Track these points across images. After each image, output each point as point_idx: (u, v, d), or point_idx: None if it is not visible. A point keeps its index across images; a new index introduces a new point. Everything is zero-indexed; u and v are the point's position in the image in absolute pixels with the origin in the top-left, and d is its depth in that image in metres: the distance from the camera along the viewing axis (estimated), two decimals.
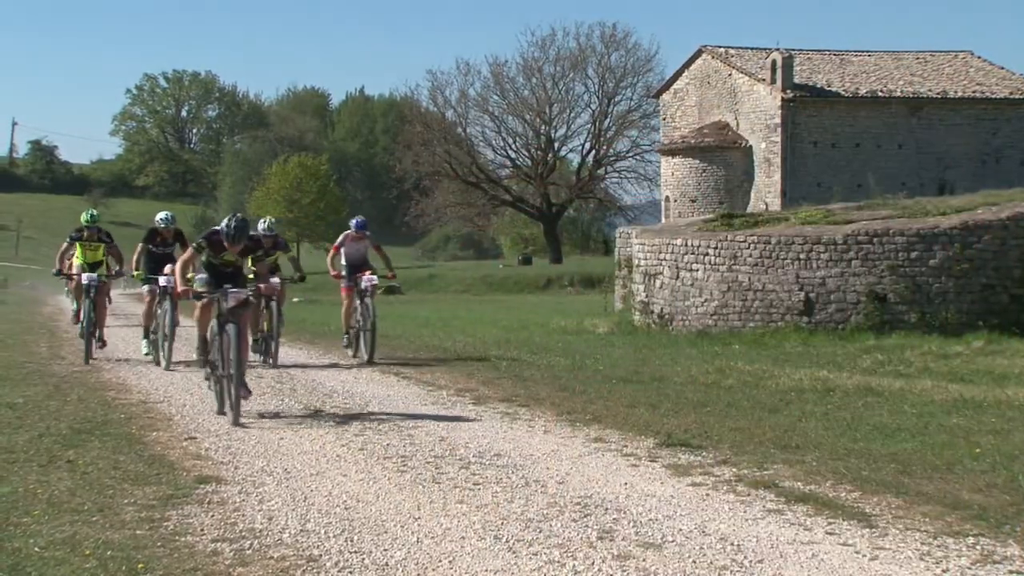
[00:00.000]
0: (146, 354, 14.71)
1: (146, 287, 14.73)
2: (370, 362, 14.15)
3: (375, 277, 14.63)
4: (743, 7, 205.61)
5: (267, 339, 14.14)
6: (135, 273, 14.77)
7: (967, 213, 16.73)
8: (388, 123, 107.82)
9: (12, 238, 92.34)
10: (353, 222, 15.13)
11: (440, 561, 5.30)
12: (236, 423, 9.29)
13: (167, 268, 13.93)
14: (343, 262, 14.91)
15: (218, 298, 9.95)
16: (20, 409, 10.04)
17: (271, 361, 14.13)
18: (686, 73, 45.82)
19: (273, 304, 13.96)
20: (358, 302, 14.66)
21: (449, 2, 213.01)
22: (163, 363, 13.77)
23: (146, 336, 14.87)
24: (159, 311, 14.32)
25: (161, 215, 15.09)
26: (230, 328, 9.72)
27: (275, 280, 12.94)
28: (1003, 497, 6.41)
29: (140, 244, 14.78)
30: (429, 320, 24.21)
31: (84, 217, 15.28)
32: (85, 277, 14.69)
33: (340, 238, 15.06)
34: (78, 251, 15.33)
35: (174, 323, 14.01)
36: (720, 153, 42.05)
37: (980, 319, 15.72)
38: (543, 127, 67.02)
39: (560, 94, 66.37)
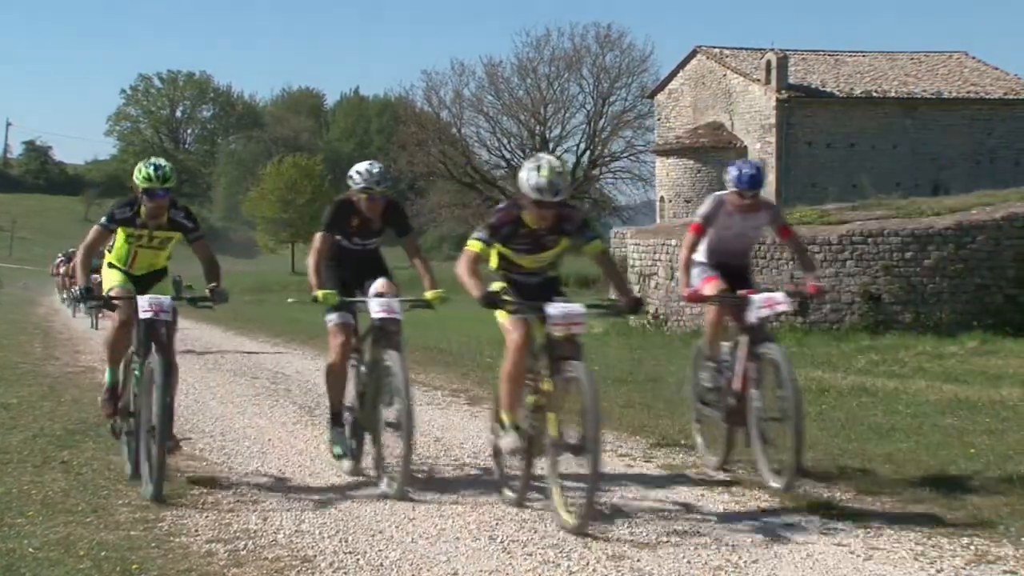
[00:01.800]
0: (338, 455, 7.43)
1: (334, 317, 7.28)
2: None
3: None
4: (738, 7, 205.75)
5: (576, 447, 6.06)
6: (319, 293, 7.13)
7: (961, 213, 16.76)
8: (383, 123, 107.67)
9: (6, 239, 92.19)
10: (736, 172, 7.19)
11: (435, 561, 5.30)
12: None
13: (379, 283, 7.32)
14: (699, 257, 7.61)
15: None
16: (14, 410, 10.03)
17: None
18: (681, 73, 45.84)
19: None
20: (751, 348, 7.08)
21: (444, 2, 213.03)
22: (390, 486, 6.67)
23: (337, 420, 7.46)
24: (364, 368, 7.24)
25: (362, 168, 7.30)
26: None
27: (571, 307, 6.32)
28: (997, 497, 6.41)
29: (320, 234, 7.36)
30: (424, 320, 24.17)
31: (143, 173, 6.99)
32: (146, 302, 6.83)
33: (708, 205, 7.43)
34: (119, 248, 7.36)
35: (408, 395, 6.64)
36: (715, 153, 42.06)
37: (974, 319, 15.75)
38: (538, 127, 66.91)
39: (555, 94, 66.30)
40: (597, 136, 66.57)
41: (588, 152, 67.22)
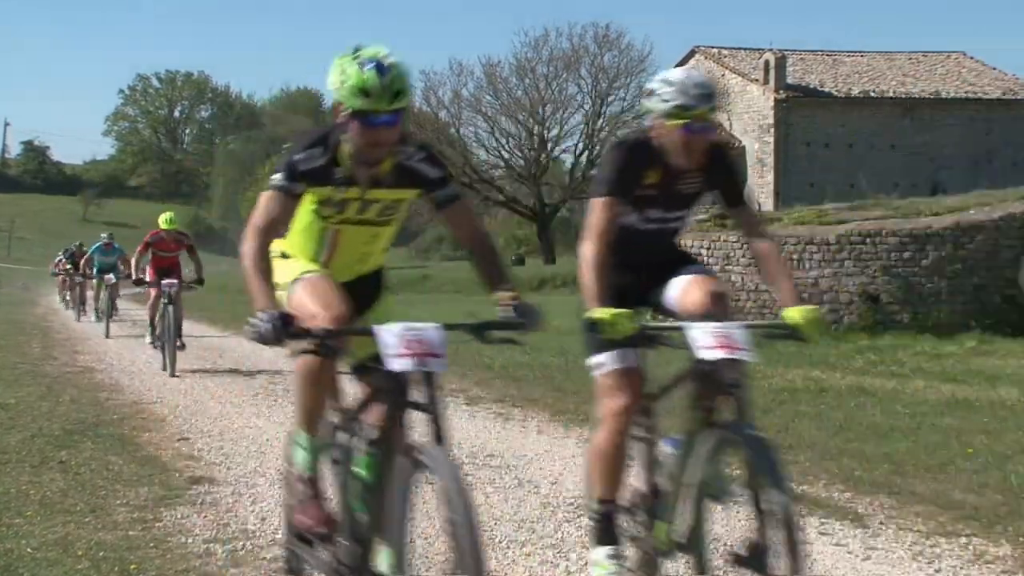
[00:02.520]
0: None
1: (610, 360, 4.48)
2: None
3: None
4: (736, 7, 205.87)
5: None
6: (603, 315, 4.03)
7: (960, 213, 16.76)
8: None
9: (5, 239, 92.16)
10: None
11: (433, 562, 5.29)
12: None
13: (694, 285, 4.39)
14: None
15: None
16: (12, 410, 10.02)
17: None
18: None
19: None
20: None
21: (442, 2, 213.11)
22: None
23: (609, 530, 4.47)
24: (667, 444, 4.42)
25: (675, 76, 4.14)
26: None
27: None
28: (995, 497, 6.41)
29: (601, 199, 4.24)
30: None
31: (356, 78, 3.63)
32: (395, 338, 3.51)
33: None
34: (307, 227, 4.02)
35: (785, 487, 3.72)
36: None
37: (972, 319, 15.75)
38: (536, 127, 66.88)
39: (553, 94, 66.23)
40: (596, 136, 66.52)
41: (587, 152, 67.23)
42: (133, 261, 15.74)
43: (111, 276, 20.53)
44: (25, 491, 6.64)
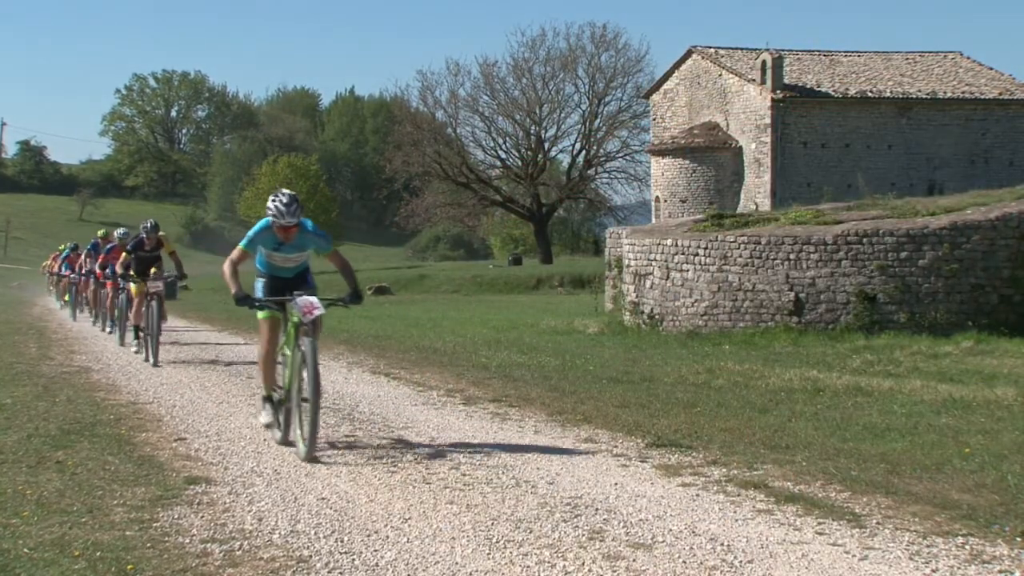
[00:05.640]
0: None
1: None
2: None
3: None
4: (733, 7, 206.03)
5: None
6: None
7: (956, 213, 16.77)
8: (378, 123, 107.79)
9: (1, 239, 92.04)
10: None
11: (430, 561, 5.30)
12: None
13: None
14: None
15: None
16: (9, 410, 10.01)
17: None
18: (676, 73, 45.86)
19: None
20: None
21: (439, 2, 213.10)
22: None
23: None
24: None
25: None
26: None
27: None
28: (992, 497, 6.42)
29: None
30: (419, 320, 24.21)
31: None
32: None
33: None
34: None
35: None
36: (710, 153, 42.11)
37: (969, 319, 15.76)
38: (533, 127, 66.94)
39: (550, 94, 66.29)
40: (592, 136, 66.59)
41: (583, 152, 67.28)
42: None
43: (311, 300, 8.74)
44: (22, 491, 6.64)
